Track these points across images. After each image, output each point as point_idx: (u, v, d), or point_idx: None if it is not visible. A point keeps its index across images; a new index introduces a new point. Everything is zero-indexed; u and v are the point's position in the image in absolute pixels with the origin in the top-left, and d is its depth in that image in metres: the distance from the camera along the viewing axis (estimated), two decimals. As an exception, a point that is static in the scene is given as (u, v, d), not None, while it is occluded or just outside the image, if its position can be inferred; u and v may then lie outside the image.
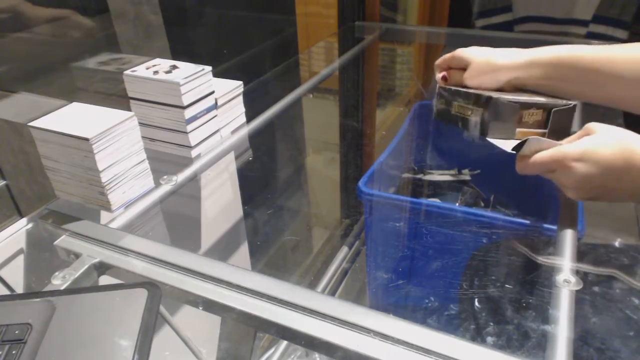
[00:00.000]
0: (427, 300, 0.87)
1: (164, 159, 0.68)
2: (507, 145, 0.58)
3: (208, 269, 0.46)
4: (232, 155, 0.75)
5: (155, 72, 0.64)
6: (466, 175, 1.07)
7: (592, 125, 0.52)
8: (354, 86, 1.27)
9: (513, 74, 0.64)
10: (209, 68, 0.65)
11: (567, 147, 0.51)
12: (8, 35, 0.65)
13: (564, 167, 0.51)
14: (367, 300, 0.99)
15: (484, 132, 0.60)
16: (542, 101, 0.61)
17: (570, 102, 0.61)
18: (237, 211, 0.89)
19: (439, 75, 0.71)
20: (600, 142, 0.50)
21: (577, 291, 0.45)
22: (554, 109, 0.60)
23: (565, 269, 0.48)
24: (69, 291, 0.44)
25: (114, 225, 0.55)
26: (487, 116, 0.59)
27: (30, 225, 0.57)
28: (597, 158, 0.49)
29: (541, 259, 0.66)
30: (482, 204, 1.01)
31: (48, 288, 0.45)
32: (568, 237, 0.53)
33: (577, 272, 0.48)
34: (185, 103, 0.63)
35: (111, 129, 0.53)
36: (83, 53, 0.74)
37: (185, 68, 0.65)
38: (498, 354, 0.37)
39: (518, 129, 0.60)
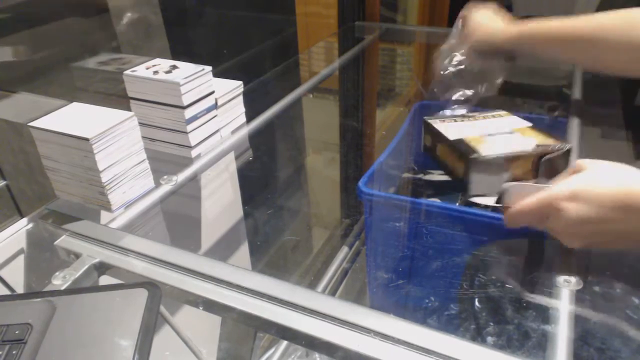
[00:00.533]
0: (427, 300, 0.87)
1: (164, 159, 0.67)
2: (489, 201, 0.52)
3: (208, 269, 0.46)
4: (232, 155, 0.75)
5: (155, 72, 0.64)
6: (466, 175, 1.06)
7: (583, 162, 0.47)
8: (354, 86, 1.27)
9: (506, 45, 0.72)
10: (209, 68, 0.65)
11: (555, 188, 0.45)
12: (8, 35, 0.65)
13: (554, 210, 0.45)
14: (367, 300, 0.99)
15: (466, 190, 0.54)
16: (529, 151, 0.54)
17: (563, 145, 0.54)
18: (237, 211, 0.89)
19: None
20: (593, 178, 0.44)
21: (577, 291, 0.45)
22: (544, 158, 0.54)
23: (565, 269, 0.48)
24: (69, 291, 0.44)
25: (114, 225, 0.55)
26: (469, 174, 0.53)
27: (30, 225, 0.57)
28: (590, 196, 0.43)
29: (541, 259, 0.66)
30: (482, 204, 1.01)
31: (48, 288, 0.45)
32: (568, 237, 0.53)
33: (577, 272, 0.48)
34: (185, 103, 0.63)
35: (111, 129, 0.53)
36: (83, 53, 0.74)
37: (185, 68, 0.65)
38: (498, 354, 0.37)
39: (505, 184, 0.53)
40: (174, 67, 0.65)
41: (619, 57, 0.61)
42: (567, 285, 0.46)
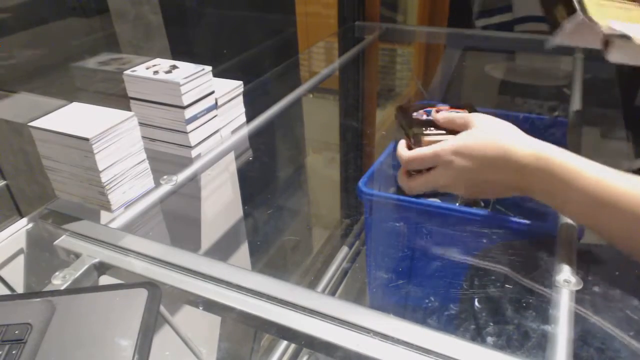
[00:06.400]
0: (427, 300, 0.87)
1: (164, 159, 0.68)
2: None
3: (208, 269, 0.46)
4: (232, 155, 0.75)
5: (155, 72, 0.64)
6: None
7: (472, 118, 0.54)
8: (354, 86, 1.27)
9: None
10: (209, 68, 0.65)
11: (445, 143, 0.54)
12: (9, 35, 0.65)
13: (442, 162, 0.53)
14: (367, 300, 0.99)
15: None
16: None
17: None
18: (237, 211, 0.89)
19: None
20: (475, 136, 0.52)
21: (577, 291, 0.45)
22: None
23: (565, 269, 0.48)
24: (69, 291, 0.44)
25: (114, 225, 0.55)
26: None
27: (30, 225, 0.57)
28: (471, 152, 0.51)
29: (541, 259, 0.66)
30: (482, 204, 1.01)
31: (48, 288, 0.45)
32: (568, 237, 0.53)
33: (577, 272, 0.48)
34: (185, 103, 0.63)
35: (111, 129, 0.53)
36: (83, 53, 0.74)
37: (185, 68, 0.65)
38: (498, 354, 0.37)
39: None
40: (174, 67, 0.65)
41: None
42: (567, 285, 0.46)
